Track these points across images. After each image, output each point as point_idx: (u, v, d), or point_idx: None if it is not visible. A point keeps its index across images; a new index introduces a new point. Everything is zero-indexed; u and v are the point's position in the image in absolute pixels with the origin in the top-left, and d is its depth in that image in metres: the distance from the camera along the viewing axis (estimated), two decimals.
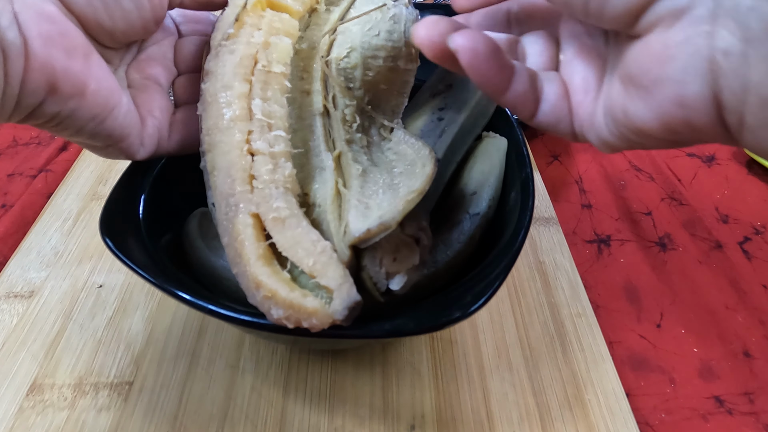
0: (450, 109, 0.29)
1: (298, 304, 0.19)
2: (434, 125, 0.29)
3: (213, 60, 0.23)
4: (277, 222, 0.21)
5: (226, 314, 0.21)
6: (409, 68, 0.26)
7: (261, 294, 0.20)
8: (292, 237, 0.21)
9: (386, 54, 0.25)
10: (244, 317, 0.21)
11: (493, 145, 0.31)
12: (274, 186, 0.22)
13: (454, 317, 0.21)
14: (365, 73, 0.25)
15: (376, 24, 0.25)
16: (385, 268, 0.22)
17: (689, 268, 0.37)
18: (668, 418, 0.29)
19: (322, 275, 0.20)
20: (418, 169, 0.22)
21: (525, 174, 0.28)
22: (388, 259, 0.22)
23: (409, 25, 0.25)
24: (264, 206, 0.21)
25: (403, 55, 0.25)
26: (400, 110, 0.27)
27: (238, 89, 0.23)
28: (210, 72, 0.23)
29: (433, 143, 0.28)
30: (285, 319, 0.20)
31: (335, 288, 0.19)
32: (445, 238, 0.27)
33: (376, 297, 0.22)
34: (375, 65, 0.25)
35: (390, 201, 0.21)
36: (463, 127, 0.29)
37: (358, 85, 0.25)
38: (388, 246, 0.22)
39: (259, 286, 0.20)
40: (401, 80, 0.26)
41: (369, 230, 0.21)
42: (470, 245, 0.27)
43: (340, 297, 0.19)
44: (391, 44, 0.25)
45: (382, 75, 0.25)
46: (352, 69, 0.25)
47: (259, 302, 0.20)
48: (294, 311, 0.19)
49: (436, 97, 0.30)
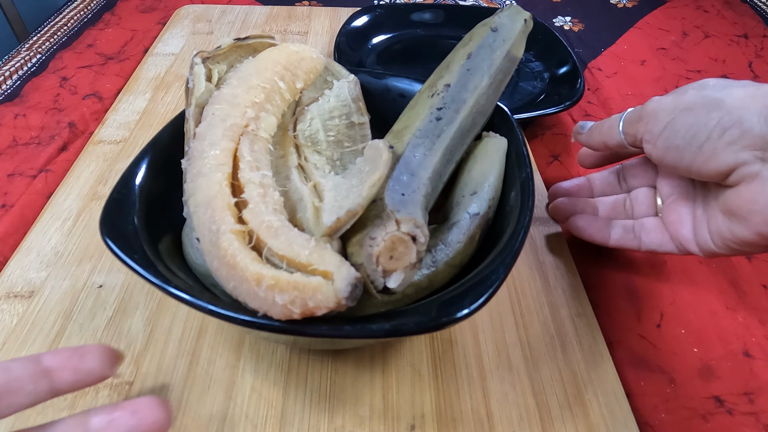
0: (449, 109, 0.29)
1: (302, 283, 0.20)
2: (433, 125, 0.29)
3: (204, 124, 0.26)
4: (270, 230, 0.22)
5: (226, 314, 0.21)
6: (362, 121, 0.30)
7: (264, 287, 0.20)
8: (287, 239, 0.22)
9: (339, 113, 0.30)
10: (244, 317, 0.21)
11: (492, 144, 0.31)
12: (264, 206, 0.23)
13: (454, 317, 0.21)
14: (328, 135, 0.29)
15: (326, 95, 0.30)
16: (382, 265, 0.22)
17: (689, 268, 0.37)
18: (668, 418, 0.29)
19: (320, 262, 0.21)
20: (377, 160, 0.24)
21: (525, 174, 0.28)
22: (385, 257, 0.22)
23: (352, 86, 0.31)
24: (256, 221, 0.22)
25: (354, 111, 0.30)
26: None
27: (225, 145, 0.25)
28: (199, 134, 0.26)
29: (432, 143, 0.28)
30: (291, 304, 0.20)
31: (335, 269, 0.20)
32: (445, 238, 0.27)
33: (373, 295, 0.23)
34: (333, 125, 0.29)
35: (356, 194, 0.23)
36: (462, 127, 0.30)
37: (324, 147, 0.29)
38: (385, 244, 0.22)
39: (261, 279, 0.20)
40: (360, 135, 0.30)
41: (338, 219, 0.23)
42: (470, 245, 0.28)
43: (340, 276, 0.20)
44: (341, 104, 0.30)
45: (342, 133, 0.30)
46: (315, 133, 0.29)
47: (263, 298, 0.21)
48: (299, 292, 0.20)
49: (434, 96, 0.30)
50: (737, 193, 0.26)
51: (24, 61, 0.57)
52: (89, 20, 0.65)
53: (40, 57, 0.58)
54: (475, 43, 0.32)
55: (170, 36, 0.61)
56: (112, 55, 0.59)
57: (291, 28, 0.63)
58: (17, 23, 0.88)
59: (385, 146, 0.24)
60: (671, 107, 0.28)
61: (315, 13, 0.66)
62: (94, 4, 0.68)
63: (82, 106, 0.51)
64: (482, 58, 0.31)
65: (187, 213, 0.25)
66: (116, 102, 0.51)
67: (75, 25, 0.64)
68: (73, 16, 0.66)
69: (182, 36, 0.61)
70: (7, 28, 0.88)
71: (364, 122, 0.30)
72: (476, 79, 0.30)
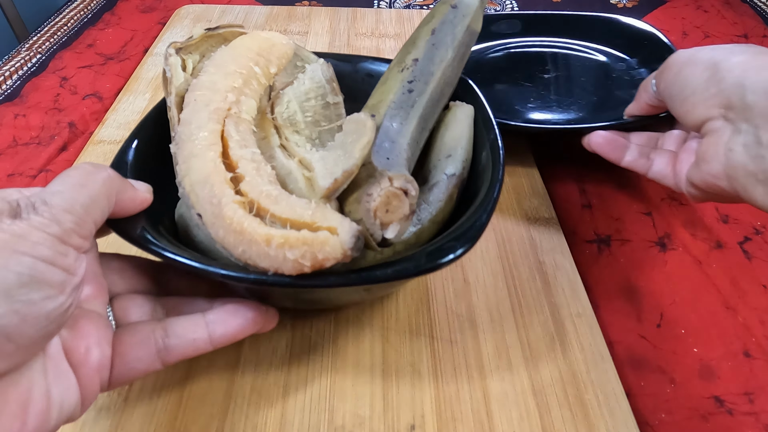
0: (419, 81, 0.32)
1: (311, 238, 0.22)
2: (406, 97, 0.31)
3: (188, 110, 0.27)
4: (270, 198, 0.24)
5: (238, 276, 0.23)
6: (337, 101, 0.32)
7: (274, 245, 0.22)
8: (288, 204, 0.24)
9: (315, 94, 0.31)
10: (259, 276, 0.23)
11: (461, 112, 0.34)
12: (260, 178, 0.25)
13: (448, 258, 0.24)
14: (305, 116, 0.31)
15: (301, 78, 0.32)
16: (379, 219, 0.25)
17: (689, 268, 0.37)
18: (668, 418, 0.30)
19: (323, 219, 0.23)
20: (362, 128, 0.26)
21: (493, 135, 0.31)
22: (382, 211, 0.25)
23: (324, 68, 0.32)
24: (254, 192, 0.24)
25: (329, 91, 0.32)
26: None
27: (212, 127, 0.26)
28: (184, 119, 0.27)
29: (407, 113, 0.31)
30: (301, 258, 0.22)
31: (338, 224, 0.22)
32: (427, 198, 0.30)
33: (372, 247, 0.25)
34: (310, 106, 0.31)
35: (348, 157, 0.25)
36: (432, 97, 0.32)
37: (303, 127, 0.31)
38: (381, 199, 0.25)
39: (271, 238, 0.22)
40: (335, 114, 0.32)
41: (336, 180, 0.25)
42: (449, 203, 0.31)
43: (344, 229, 0.22)
44: (316, 85, 0.31)
45: (319, 113, 0.31)
46: (293, 115, 0.31)
47: (274, 256, 0.22)
48: (309, 246, 0.22)
49: (404, 71, 0.32)
50: (702, 143, 0.29)
51: (24, 61, 0.57)
52: (89, 20, 0.65)
53: (40, 57, 0.58)
54: (438, 19, 0.34)
55: (170, 36, 0.61)
56: (112, 55, 0.59)
57: (291, 28, 0.63)
58: (17, 23, 0.88)
59: (367, 116, 0.27)
60: (683, 60, 0.31)
61: (315, 13, 0.66)
62: (94, 4, 0.69)
63: (82, 106, 0.51)
64: (445, 33, 0.33)
65: (183, 193, 0.25)
66: (116, 102, 0.51)
67: (75, 25, 0.64)
68: (73, 16, 0.66)
69: (182, 36, 0.61)
70: (7, 28, 0.88)
71: (338, 102, 0.32)
72: (441, 53, 0.33)
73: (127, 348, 0.22)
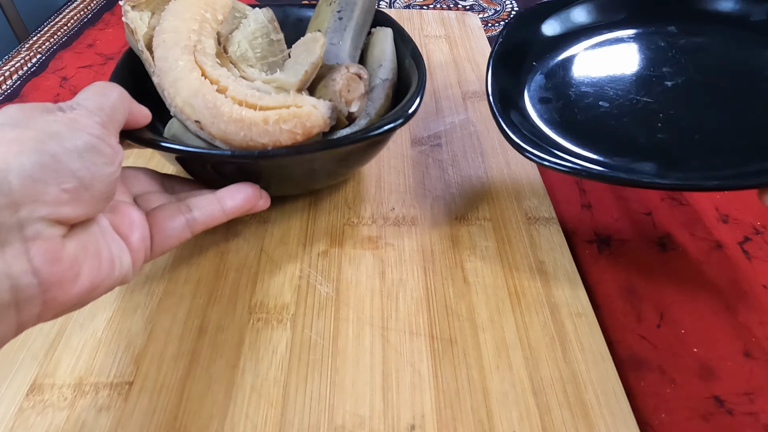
0: (346, 10, 0.41)
1: (299, 112, 0.29)
2: (338, 24, 0.40)
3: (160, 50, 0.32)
4: (255, 97, 0.30)
5: (246, 153, 0.29)
6: (279, 38, 0.38)
7: (271, 122, 0.29)
8: (271, 98, 0.31)
9: (260, 33, 0.37)
10: (262, 150, 0.29)
11: (382, 33, 0.42)
12: (241, 87, 0.31)
13: (410, 112, 0.33)
14: (255, 52, 0.37)
15: (246, 22, 0.38)
16: (344, 98, 0.34)
17: (689, 268, 0.37)
18: (668, 418, 0.30)
19: (303, 102, 0.30)
20: (314, 39, 0.34)
21: (411, 46, 0.40)
22: (345, 91, 0.34)
23: (265, 11, 0.38)
24: (240, 95, 0.30)
25: (271, 30, 0.38)
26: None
27: (187, 57, 0.31)
28: (160, 57, 0.32)
29: (342, 35, 0.39)
30: (294, 128, 0.29)
31: (315, 102, 0.30)
32: (370, 97, 0.38)
33: (342, 120, 0.35)
34: (258, 44, 0.37)
35: (310, 55, 0.33)
36: (358, 22, 0.41)
37: (254, 61, 0.37)
38: (343, 81, 0.34)
39: (268, 117, 0.29)
40: (279, 49, 0.38)
41: (306, 72, 0.33)
42: (387, 101, 0.38)
43: (321, 104, 0.30)
44: (260, 26, 0.37)
45: (265, 49, 0.38)
46: (245, 52, 0.37)
47: (272, 131, 0.29)
48: (298, 118, 0.29)
49: (332, 4, 0.41)
50: None
51: (24, 61, 0.57)
52: (89, 20, 0.65)
53: (40, 57, 0.58)
54: None
55: None
56: (112, 55, 0.59)
57: None
58: (17, 23, 0.88)
59: (315, 32, 0.35)
60: None
61: None
62: (94, 4, 0.69)
63: None
64: None
65: (175, 111, 0.31)
66: None
67: (75, 25, 0.64)
68: (73, 16, 0.66)
69: None
70: (7, 28, 0.88)
71: (280, 38, 0.38)
72: None
73: (162, 221, 0.28)
